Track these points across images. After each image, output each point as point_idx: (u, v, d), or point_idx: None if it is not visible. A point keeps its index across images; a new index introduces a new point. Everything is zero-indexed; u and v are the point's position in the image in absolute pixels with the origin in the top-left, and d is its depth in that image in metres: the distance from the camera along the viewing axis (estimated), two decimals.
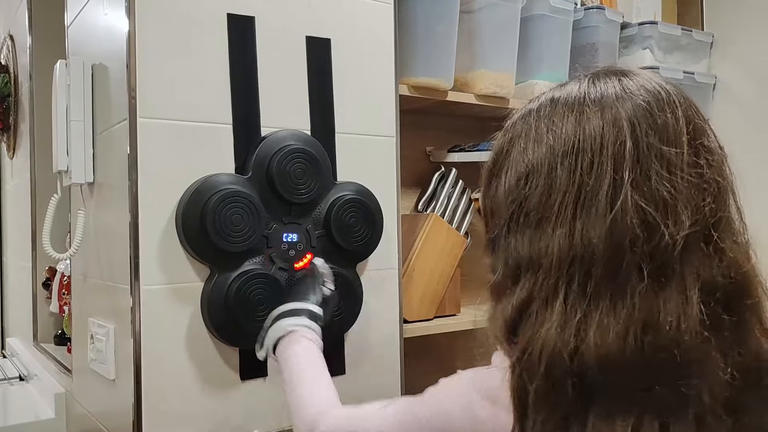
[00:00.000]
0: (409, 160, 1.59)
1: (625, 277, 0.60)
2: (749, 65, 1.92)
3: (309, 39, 1.20)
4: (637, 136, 0.62)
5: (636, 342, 0.58)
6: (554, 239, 0.62)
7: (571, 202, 0.62)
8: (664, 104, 0.64)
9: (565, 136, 0.65)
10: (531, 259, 0.64)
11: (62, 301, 1.78)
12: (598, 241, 0.61)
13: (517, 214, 0.66)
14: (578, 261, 0.61)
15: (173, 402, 1.06)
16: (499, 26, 1.53)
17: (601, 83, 0.67)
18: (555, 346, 0.60)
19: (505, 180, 0.69)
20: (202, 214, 1.04)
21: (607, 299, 0.60)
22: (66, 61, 1.24)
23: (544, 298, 0.62)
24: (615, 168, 0.62)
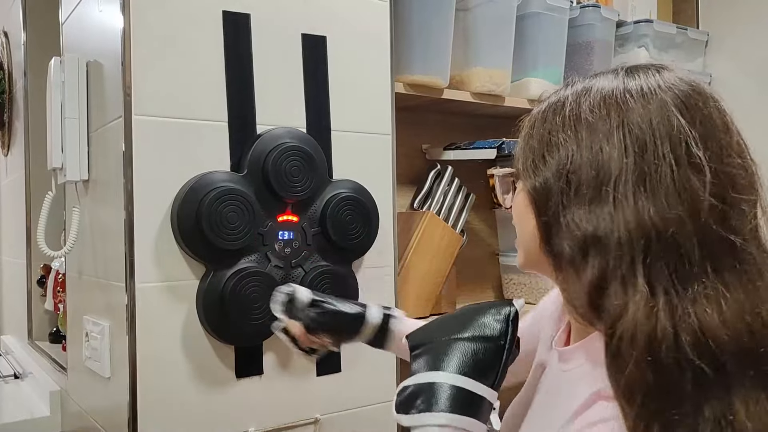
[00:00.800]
0: (405, 158, 1.59)
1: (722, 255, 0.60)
2: (744, 63, 1.93)
3: (304, 36, 1.20)
4: (688, 119, 0.63)
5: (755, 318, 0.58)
6: (618, 215, 0.61)
7: (630, 180, 0.62)
8: (707, 97, 0.66)
9: (607, 118, 0.65)
10: (595, 235, 0.62)
11: (57, 299, 1.77)
12: (682, 220, 0.60)
13: (567, 191, 0.65)
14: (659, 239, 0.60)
15: (168, 400, 1.06)
16: (494, 24, 1.53)
17: (639, 75, 0.68)
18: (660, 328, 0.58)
19: (551, 162, 0.68)
20: (198, 212, 1.04)
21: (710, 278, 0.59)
22: (61, 58, 1.24)
23: (620, 276, 0.61)
24: (673, 149, 0.62)
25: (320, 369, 1.21)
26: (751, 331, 0.58)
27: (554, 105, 0.71)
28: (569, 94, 0.71)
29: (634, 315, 0.58)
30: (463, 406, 0.68)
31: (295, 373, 1.18)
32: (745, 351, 0.58)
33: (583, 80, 0.72)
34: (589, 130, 0.66)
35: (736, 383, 0.58)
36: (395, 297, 1.32)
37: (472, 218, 1.76)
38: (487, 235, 1.82)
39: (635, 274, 0.60)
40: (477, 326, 0.73)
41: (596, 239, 0.62)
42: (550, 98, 0.73)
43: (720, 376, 0.58)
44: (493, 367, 0.72)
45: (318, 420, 1.20)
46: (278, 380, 1.17)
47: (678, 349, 0.57)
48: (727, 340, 0.57)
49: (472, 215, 1.74)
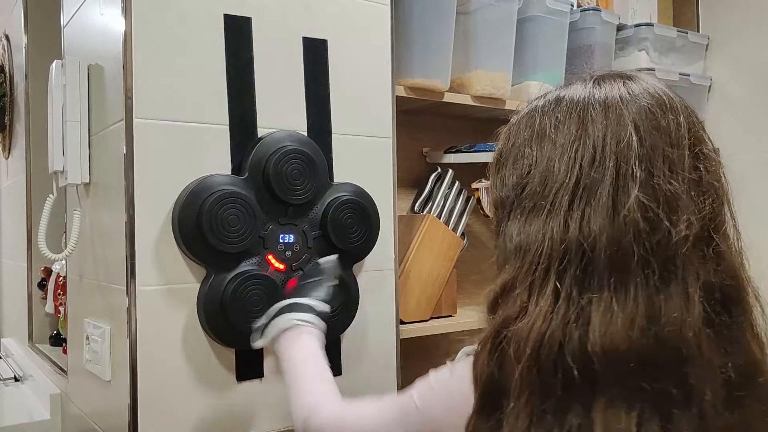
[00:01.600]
0: (406, 161, 1.59)
1: (629, 271, 0.61)
2: (744, 67, 1.93)
3: (305, 40, 1.20)
4: (641, 135, 0.64)
5: (642, 334, 0.59)
6: (548, 227, 0.64)
7: (568, 193, 0.64)
8: (667, 109, 0.67)
9: (567, 131, 0.67)
10: (520, 244, 0.66)
11: (58, 302, 1.77)
12: (600, 233, 0.62)
13: (516, 202, 0.69)
14: (575, 250, 0.62)
15: (169, 403, 1.06)
16: (495, 27, 1.53)
17: (606, 85, 0.70)
18: (550, 331, 0.61)
19: (511, 172, 0.71)
20: (199, 215, 1.04)
21: (610, 291, 0.61)
22: (62, 61, 1.24)
23: (529, 282, 0.64)
24: (618, 164, 0.64)
25: None
26: (629, 346, 0.59)
27: (526, 118, 0.74)
28: (541, 106, 0.73)
29: (535, 317, 0.62)
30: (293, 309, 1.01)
31: None
32: (618, 363, 0.59)
33: (556, 90, 0.74)
34: (549, 145, 0.68)
35: (601, 393, 0.60)
36: (396, 300, 1.32)
37: (473, 221, 1.76)
38: (488, 238, 1.82)
39: (546, 280, 0.63)
40: None
41: (520, 248, 0.66)
42: (525, 110, 0.76)
43: (588, 384, 0.60)
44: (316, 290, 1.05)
45: None
46: (279, 383, 1.16)
47: (557, 353, 0.60)
48: (600, 351, 0.59)
49: (473, 218, 1.73)
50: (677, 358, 0.60)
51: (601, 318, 0.60)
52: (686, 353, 0.60)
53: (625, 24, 1.86)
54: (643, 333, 0.59)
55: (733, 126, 1.91)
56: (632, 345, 0.59)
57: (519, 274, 0.65)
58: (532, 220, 0.66)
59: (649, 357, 0.59)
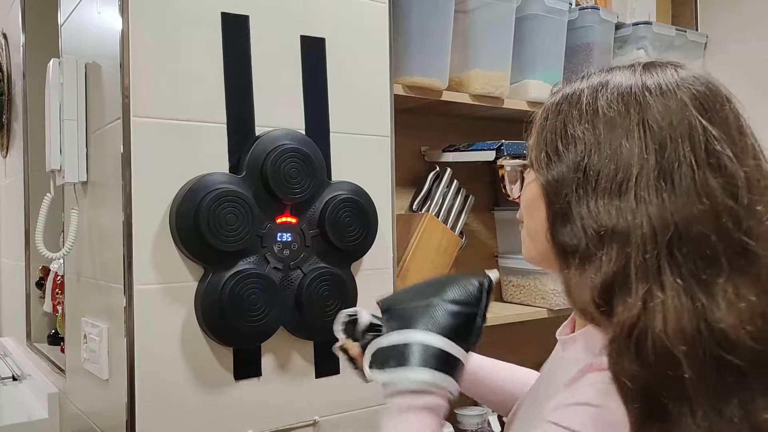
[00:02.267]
0: (404, 160, 1.59)
1: (736, 255, 0.60)
2: (743, 65, 1.93)
3: (303, 38, 1.20)
4: (707, 120, 0.63)
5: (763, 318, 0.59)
6: (641, 210, 0.61)
7: (651, 176, 0.62)
8: (724, 99, 0.66)
9: (626, 113, 0.65)
10: (615, 229, 0.62)
11: (56, 301, 1.77)
12: (704, 218, 0.60)
13: (582, 183, 0.65)
14: (684, 236, 0.60)
15: (167, 402, 1.06)
16: (493, 26, 1.53)
17: (657, 71, 0.67)
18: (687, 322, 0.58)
19: (566, 153, 0.67)
20: (196, 214, 1.04)
21: (726, 276, 0.59)
22: (59, 59, 1.24)
23: (644, 272, 0.60)
24: (693, 149, 0.62)
25: (319, 371, 1.21)
26: (762, 334, 0.58)
27: (569, 97, 0.70)
28: (585, 87, 0.70)
29: (669, 313, 0.58)
30: (440, 364, 0.69)
31: (294, 375, 1.18)
32: (759, 352, 0.58)
33: (599, 74, 0.71)
34: (607, 125, 0.65)
35: (754, 383, 0.58)
36: None
37: (471, 220, 1.76)
38: (486, 237, 1.82)
39: (661, 270, 0.60)
40: (452, 291, 0.74)
41: (616, 233, 0.62)
42: (565, 90, 0.72)
43: (740, 376, 0.58)
44: (467, 330, 0.73)
45: (317, 422, 1.20)
46: (277, 382, 1.17)
47: (705, 346, 0.57)
48: (745, 340, 0.57)
49: (471, 217, 1.73)
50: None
51: (733, 306, 0.58)
52: None
53: (623, 22, 1.86)
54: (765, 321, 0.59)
55: None
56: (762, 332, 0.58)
57: (627, 262, 0.61)
58: (616, 202, 0.62)
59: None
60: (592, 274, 0.63)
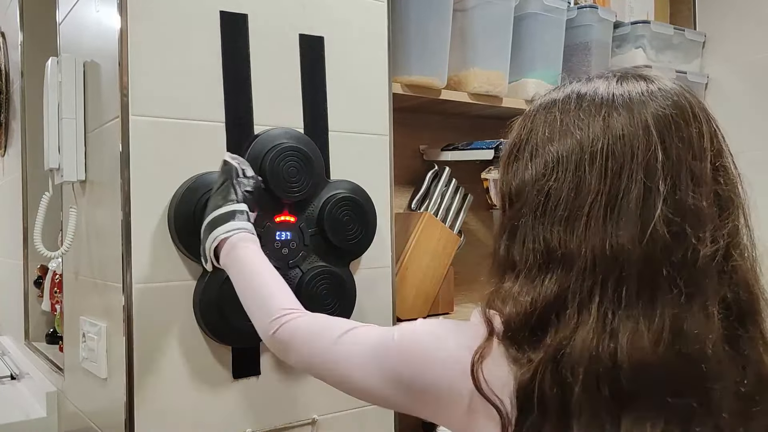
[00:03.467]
0: (403, 159, 1.59)
1: (657, 286, 0.62)
2: (741, 65, 1.93)
3: (302, 37, 1.20)
4: (666, 146, 0.64)
5: (667, 350, 0.60)
6: (587, 239, 0.63)
7: (603, 205, 0.64)
8: (690, 118, 0.66)
9: (593, 134, 0.66)
10: (563, 255, 0.65)
11: (54, 300, 1.77)
12: (632, 248, 0.62)
13: (544, 204, 0.67)
14: (612, 265, 0.62)
15: (165, 400, 1.06)
16: (492, 25, 1.53)
17: (628, 85, 0.68)
18: (595, 350, 0.60)
19: (531, 166, 0.69)
20: (195, 212, 1.04)
21: (639, 307, 0.61)
22: (57, 58, 1.24)
23: (579, 300, 0.63)
24: (646, 176, 0.63)
25: None
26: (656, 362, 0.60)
27: (544, 111, 0.72)
28: (559, 100, 0.71)
29: (584, 337, 0.61)
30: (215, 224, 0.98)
31: (293, 373, 1.18)
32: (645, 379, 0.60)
33: (574, 84, 0.72)
34: (576, 145, 0.66)
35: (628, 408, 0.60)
36: (393, 298, 1.32)
37: (470, 219, 1.76)
38: (485, 235, 1.82)
39: (591, 298, 0.62)
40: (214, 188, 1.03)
41: (561, 257, 0.65)
42: (540, 102, 0.74)
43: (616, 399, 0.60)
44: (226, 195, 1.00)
45: (315, 421, 1.20)
46: (275, 381, 1.17)
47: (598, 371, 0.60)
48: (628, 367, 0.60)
49: (470, 216, 1.73)
50: (699, 373, 0.60)
51: (630, 334, 0.60)
52: (707, 369, 0.60)
53: (622, 21, 1.86)
54: (668, 349, 0.60)
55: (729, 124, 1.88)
56: (658, 361, 0.60)
57: (567, 288, 0.64)
58: (569, 228, 0.65)
59: (674, 373, 0.60)
60: (534, 291, 0.66)
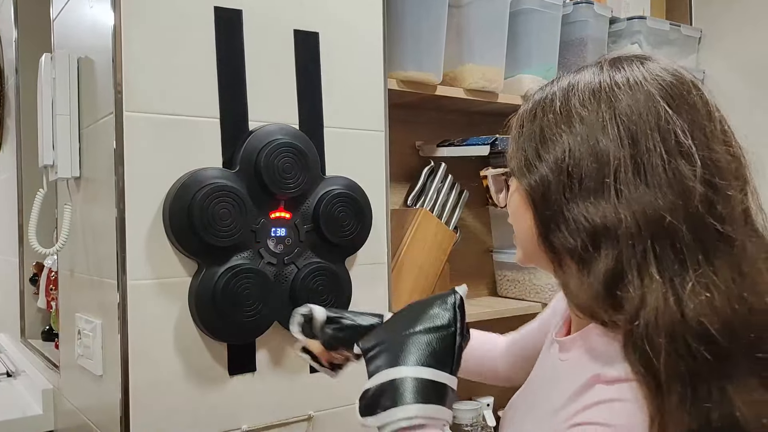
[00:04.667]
0: (399, 155, 1.59)
1: (711, 242, 0.62)
2: (737, 60, 1.93)
3: (297, 32, 1.20)
4: (674, 109, 0.65)
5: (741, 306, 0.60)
6: (621, 206, 0.63)
7: (629, 170, 0.63)
8: (690, 87, 0.67)
9: (598, 110, 0.67)
10: (605, 226, 0.64)
11: (50, 297, 1.76)
12: (674, 208, 0.62)
13: (568, 184, 0.66)
14: (659, 228, 0.62)
15: (161, 397, 1.06)
16: (487, 20, 1.53)
17: (623, 66, 0.69)
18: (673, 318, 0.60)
19: (544, 156, 0.69)
20: (190, 209, 1.04)
21: (700, 265, 0.61)
22: (51, 54, 1.23)
23: (636, 266, 0.62)
24: (663, 139, 0.64)
25: (313, 366, 1.21)
26: (739, 319, 0.60)
27: (542, 102, 0.72)
28: (556, 90, 0.71)
29: (655, 304, 0.60)
30: (428, 396, 0.68)
31: (288, 370, 1.18)
32: (736, 338, 0.60)
33: (568, 75, 0.73)
34: (583, 124, 0.67)
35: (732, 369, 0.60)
36: (389, 294, 1.31)
37: (466, 215, 1.76)
38: (481, 231, 1.82)
39: (648, 263, 0.62)
40: (426, 318, 0.74)
41: (605, 230, 0.64)
42: (536, 96, 0.74)
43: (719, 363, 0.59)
44: (448, 354, 0.71)
45: (311, 417, 1.20)
46: (271, 377, 1.17)
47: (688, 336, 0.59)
48: (719, 328, 0.59)
49: (466, 212, 1.73)
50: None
51: (707, 295, 0.60)
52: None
53: (617, 17, 1.86)
54: (743, 305, 0.60)
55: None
56: (740, 317, 0.60)
57: (621, 259, 0.63)
58: (600, 199, 0.64)
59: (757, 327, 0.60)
60: (593, 273, 0.64)
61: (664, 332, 0.59)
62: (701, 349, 0.59)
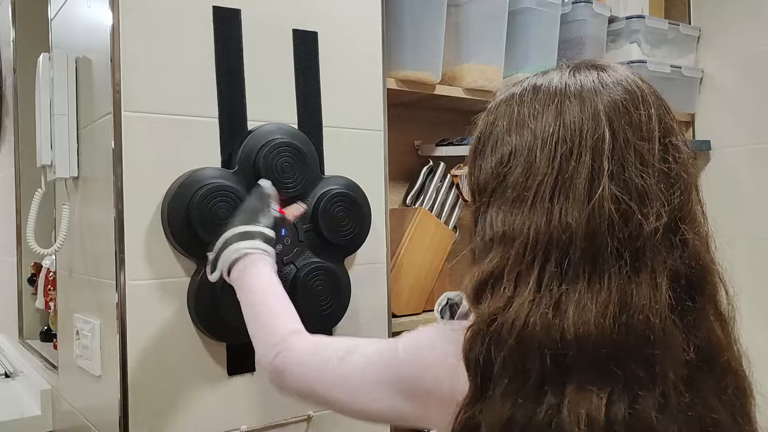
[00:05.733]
0: (397, 154, 1.58)
1: (603, 261, 0.65)
2: (736, 59, 1.93)
3: (296, 32, 1.20)
4: (614, 129, 0.68)
5: (613, 322, 0.63)
6: (531, 218, 0.67)
7: (549, 186, 0.67)
8: (639, 102, 0.70)
9: (545, 123, 0.70)
10: (505, 233, 0.69)
11: (48, 297, 1.76)
12: (577, 226, 0.65)
13: (498, 190, 0.71)
14: (555, 242, 0.66)
15: (159, 398, 1.06)
16: (486, 19, 1.53)
17: (581, 75, 0.72)
18: (530, 320, 0.64)
19: (489, 158, 0.73)
20: (188, 209, 1.03)
21: (584, 281, 0.65)
22: (49, 54, 1.23)
23: (516, 273, 0.67)
24: (593, 158, 0.67)
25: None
26: (601, 333, 0.63)
27: (504, 105, 0.76)
28: (517, 94, 0.75)
29: (519, 307, 0.65)
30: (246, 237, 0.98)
31: None
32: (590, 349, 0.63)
33: (534, 78, 0.76)
34: (530, 134, 0.71)
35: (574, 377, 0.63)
36: (388, 293, 1.31)
37: (465, 214, 1.75)
38: None
39: (529, 273, 0.66)
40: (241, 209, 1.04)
41: (504, 238, 0.69)
42: (501, 96, 0.78)
43: (562, 369, 0.63)
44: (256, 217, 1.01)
45: (310, 417, 1.20)
46: None
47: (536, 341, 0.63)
48: (573, 338, 0.63)
49: (465, 211, 1.73)
50: (645, 343, 0.64)
51: (575, 307, 0.64)
52: (653, 338, 0.64)
53: (616, 16, 1.86)
54: (614, 321, 0.63)
55: (724, 118, 1.92)
56: (604, 332, 0.63)
57: (505, 264, 0.68)
58: (515, 210, 0.69)
59: (620, 342, 0.63)
60: (478, 270, 0.70)
61: (517, 332, 0.64)
62: (547, 353, 0.63)
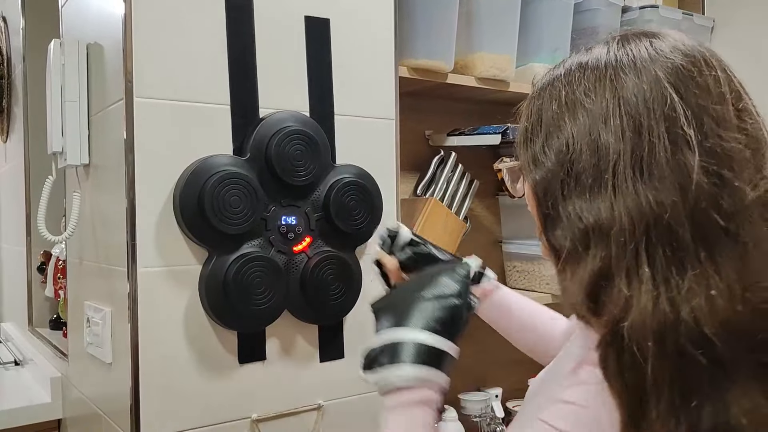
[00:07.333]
0: (409, 144, 1.57)
1: (714, 239, 0.59)
2: (749, 50, 1.91)
3: (308, 19, 1.19)
4: (682, 95, 0.61)
5: (744, 306, 0.57)
6: (618, 203, 0.60)
7: (627, 165, 0.60)
8: (702, 65, 0.63)
9: (601, 98, 0.63)
10: (597, 223, 0.61)
11: (57, 285, 1.76)
12: (674, 205, 0.58)
13: (568, 181, 0.64)
14: (655, 225, 0.59)
15: (171, 386, 1.05)
16: (499, 8, 1.51)
17: (630, 45, 0.65)
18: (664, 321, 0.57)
19: (546, 149, 0.66)
20: (200, 196, 1.03)
21: (703, 264, 0.58)
22: (60, 40, 1.22)
23: (626, 268, 0.59)
24: (669, 129, 0.60)
25: (323, 355, 1.20)
26: (740, 321, 0.57)
27: (548, 88, 0.69)
28: (562, 74, 0.69)
29: (642, 306, 0.57)
30: (425, 359, 0.71)
31: (298, 359, 1.18)
32: (736, 341, 0.57)
33: (575, 56, 0.69)
34: (586, 114, 0.64)
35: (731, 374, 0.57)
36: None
37: (476, 205, 1.75)
38: (491, 222, 1.81)
39: (639, 263, 0.59)
40: (435, 286, 0.77)
41: (598, 230, 0.61)
42: (544, 79, 0.71)
43: (716, 368, 0.57)
44: (453, 321, 0.75)
45: (321, 406, 1.19)
46: (281, 366, 1.16)
47: (680, 340, 0.56)
48: (718, 330, 0.56)
49: (476, 202, 1.72)
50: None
51: (706, 295, 0.57)
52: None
53: (630, 6, 1.84)
54: (746, 303, 0.57)
55: None
56: (738, 316, 0.57)
57: (609, 260, 0.60)
58: (596, 196, 0.61)
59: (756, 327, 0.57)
60: (580, 273, 0.62)
61: (653, 336, 0.56)
62: (697, 353, 0.56)
